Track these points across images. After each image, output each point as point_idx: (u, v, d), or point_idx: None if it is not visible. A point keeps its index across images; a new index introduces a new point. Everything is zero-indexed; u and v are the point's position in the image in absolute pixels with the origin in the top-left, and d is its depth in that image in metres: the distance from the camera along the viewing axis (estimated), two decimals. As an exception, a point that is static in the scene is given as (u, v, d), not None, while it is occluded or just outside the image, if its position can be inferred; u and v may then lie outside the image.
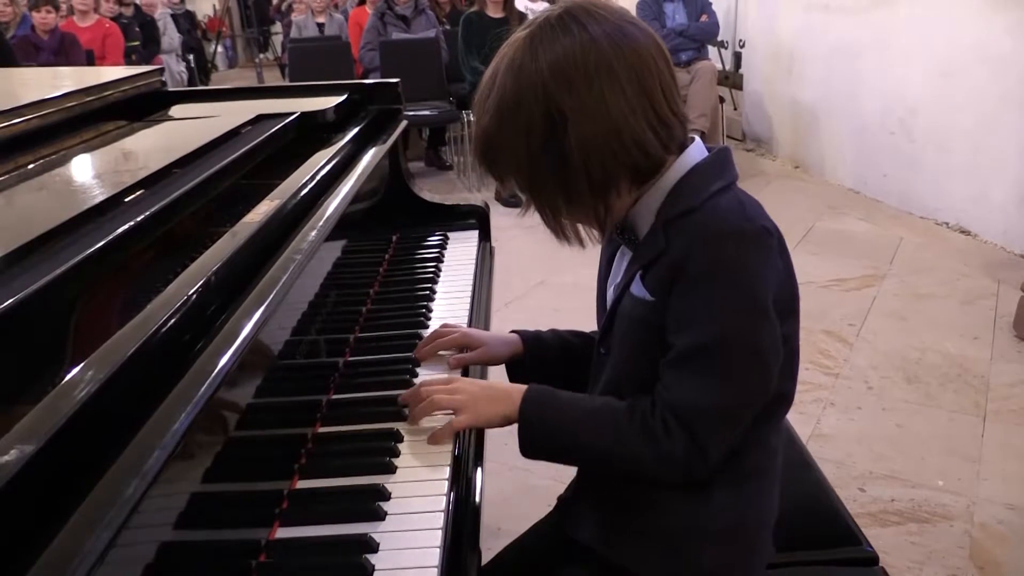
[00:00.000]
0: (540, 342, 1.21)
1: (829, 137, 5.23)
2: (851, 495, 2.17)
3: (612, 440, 0.95)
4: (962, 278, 3.62)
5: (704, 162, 0.96)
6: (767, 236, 0.91)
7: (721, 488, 0.98)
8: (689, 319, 0.91)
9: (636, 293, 0.96)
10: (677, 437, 0.91)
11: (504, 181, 1.00)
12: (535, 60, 0.90)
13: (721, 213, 0.91)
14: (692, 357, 0.91)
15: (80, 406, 0.64)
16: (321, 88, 1.82)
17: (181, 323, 0.81)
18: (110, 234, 0.90)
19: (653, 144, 0.92)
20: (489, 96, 0.94)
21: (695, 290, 0.90)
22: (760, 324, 0.90)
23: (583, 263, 1.28)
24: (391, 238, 1.75)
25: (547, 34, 0.91)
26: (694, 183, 0.94)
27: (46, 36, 5.83)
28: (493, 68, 0.95)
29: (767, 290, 0.90)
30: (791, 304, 0.96)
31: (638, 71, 0.90)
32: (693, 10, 5.37)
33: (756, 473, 1.01)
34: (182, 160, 1.21)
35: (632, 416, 0.94)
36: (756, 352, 0.91)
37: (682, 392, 0.92)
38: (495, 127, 0.94)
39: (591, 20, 0.91)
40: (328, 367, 1.23)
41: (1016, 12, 3.76)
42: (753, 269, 0.89)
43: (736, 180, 0.97)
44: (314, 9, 7.35)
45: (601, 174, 0.92)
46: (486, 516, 1.06)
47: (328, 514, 0.93)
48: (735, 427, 0.94)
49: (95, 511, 0.58)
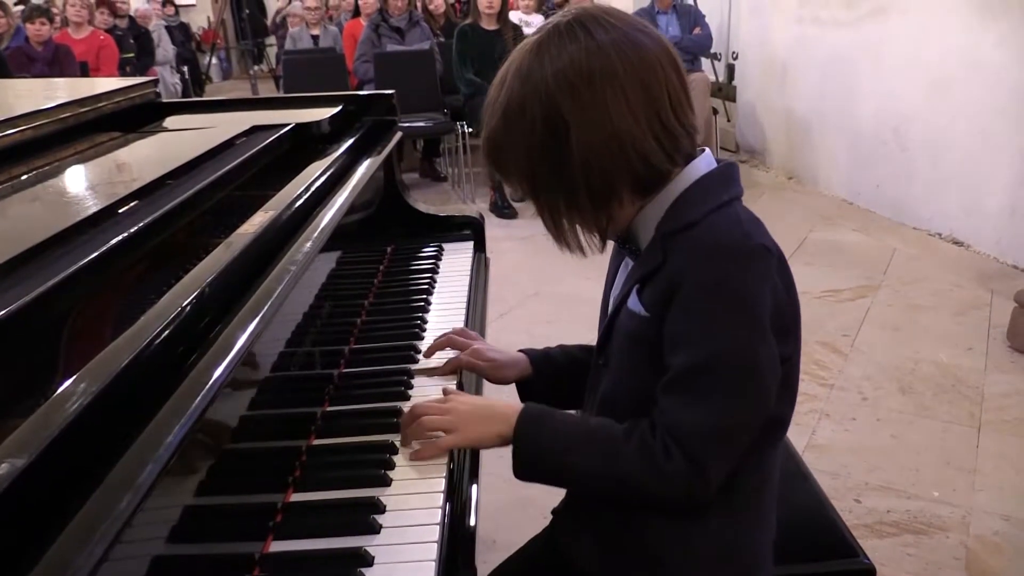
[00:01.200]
0: (548, 360, 1.21)
1: (822, 148, 5.25)
2: (847, 506, 2.17)
3: (610, 462, 0.92)
4: (955, 289, 3.63)
5: (708, 176, 0.95)
6: (766, 254, 0.90)
7: (716, 513, 0.96)
8: (685, 337, 0.89)
9: (632, 307, 0.95)
10: (677, 460, 0.89)
11: (512, 184, 1.00)
12: (541, 66, 0.90)
13: (719, 229, 0.90)
14: (689, 378, 0.89)
15: (73, 419, 0.63)
16: (316, 99, 1.82)
17: (175, 335, 0.80)
18: (103, 246, 0.89)
19: (656, 154, 0.91)
20: (497, 99, 0.94)
21: (691, 307, 0.89)
22: (757, 343, 0.88)
23: (578, 274, 1.28)
24: (386, 249, 1.75)
25: (554, 40, 0.91)
26: (695, 197, 0.93)
27: (40, 48, 5.82)
28: (503, 72, 0.95)
29: (765, 308, 0.88)
30: (791, 324, 0.95)
31: (643, 79, 0.89)
32: (686, 22, 5.42)
33: (752, 498, 1.00)
34: (176, 171, 1.21)
35: (630, 438, 0.92)
36: (753, 371, 0.89)
37: (680, 415, 0.90)
38: (501, 130, 0.95)
39: (598, 27, 0.90)
40: (323, 379, 1.23)
41: (1007, 23, 3.79)
42: (750, 287, 0.88)
43: (740, 196, 0.95)
44: (309, 21, 7.36)
45: (601, 182, 0.91)
46: (481, 528, 1.05)
47: (323, 527, 0.92)
48: (735, 449, 0.92)
49: (88, 525, 0.58)
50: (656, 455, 0.90)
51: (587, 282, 1.12)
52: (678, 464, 0.89)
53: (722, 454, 0.91)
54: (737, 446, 0.92)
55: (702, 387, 0.89)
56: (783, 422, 1.01)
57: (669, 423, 0.90)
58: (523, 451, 0.95)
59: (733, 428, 0.90)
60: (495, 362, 1.21)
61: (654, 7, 5.45)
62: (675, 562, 0.99)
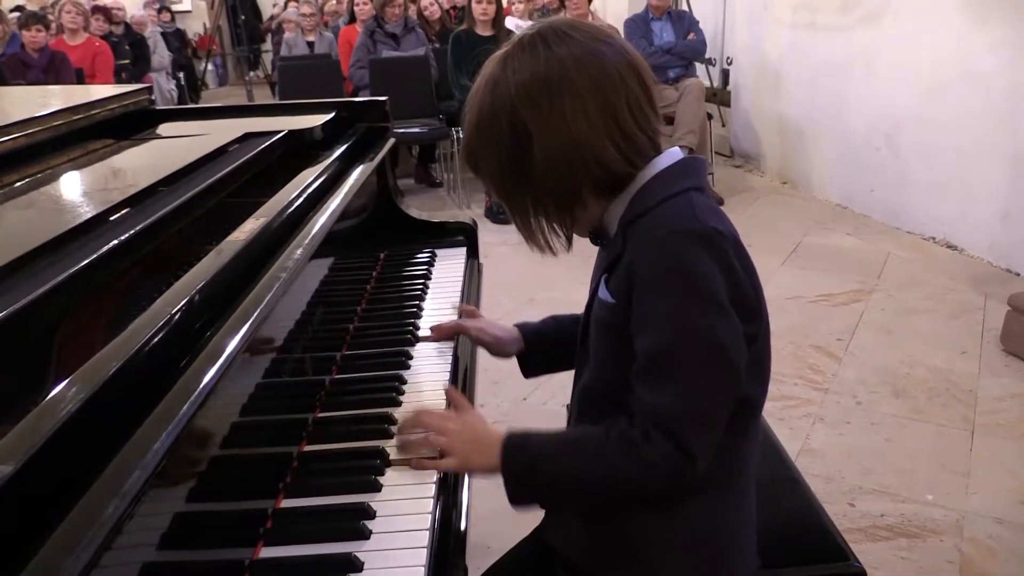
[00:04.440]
0: (540, 336, 1.29)
1: (816, 153, 5.26)
2: (841, 510, 2.17)
3: (596, 464, 0.94)
4: (949, 292, 3.64)
5: (667, 169, 0.98)
6: (717, 236, 0.92)
7: (692, 499, 0.98)
8: (646, 320, 0.92)
9: (602, 296, 0.99)
10: (659, 444, 0.91)
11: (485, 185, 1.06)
12: (506, 78, 0.96)
13: (670, 214, 0.94)
14: (653, 361, 0.92)
15: (62, 425, 0.63)
16: (309, 106, 1.82)
17: (164, 342, 0.80)
18: (95, 252, 0.89)
19: (616, 160, 0.95)
20: (471, 108, 1.00)
21: (648, 291, 0.92)
22: (716, 319, 0.91)
23: (572, 279, 1.29)
24: (379, 255, 1.75)
25: (518, 54, 0.97)
26: (651, 188, 0.97)
27: (36, 54, 5.82)
28: (478, 82, 1.01)
29: (719, 286, 0.91)
30: (754, 306, 0.97)
31: (601, 88, 0.94)
32: (680, 28, 5.43)
33: (727, 481, 1.02)
34: (168, 178, 1.21)
35: (610, 434, 0.94)
36: (717, 348, 0.91)
37: (652, 399, 0.92)
38: (475, 137, 1.01)
39: (559, 41, 0.95)
40: (314, 385, 1.23)
41: (999, 29, 3.81)
42: (702, 267, 0.90)
43: (699, 187, 0.98)
44: (304, 27, 7.38)
45: (563, 186, 0.97)
46: (474, 534, 1.05)
47: (313, 533, 0.92)
48: (714, 426, 0.94)
49: (74, 531, 0.58)
50: (638, 444, 0.92)
51: (582, 287, 1.13)
52: (660, 447, 0.91)
53: (700, 430, 0.93)
54: (714, 422, 0.94)
55: (667, 368, 0.91)
56: (755, 403, 1.03)
57: (645, 409, 0.93)
58: (513, 475, 0.97)
59: (705, 404, 0.92)
60: (499, 339, 1.30)
61: (648, 13, 5.46)
62: (656, 548, 1.01)
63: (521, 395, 2.77)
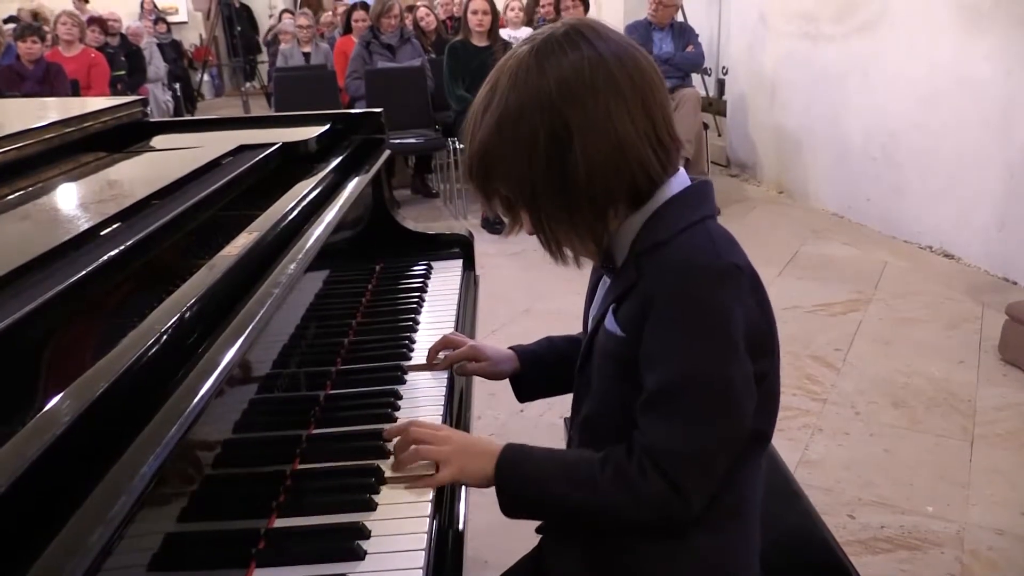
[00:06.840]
0: (535, 358, 1.26)
1: (812, 162, 5.27)
2: (841, 522, 2.16)
3: (588, 492, 0.93)
4: (946, 302, 3.64)
5: (681, 195, 0.95)
6: (737, 273, 0.90)
7: (698, 530, 0.95)
8: (658, 357, 0.89)
9: (608, 327, 0.96)
10: (654, 482, 0.89)
11: (492, 199, 0.98)
12: (542, 74, 0.89)
13: (691, 248, 0.90)
14: (662, 398, 0.89)
15: (50, 445, 0.62)
16: (304, 118, 1.81)
17: (156, 358, 0.79)
18: (87, 266, 0.88)
19: (654, 165, 0.92)
20: (488, 109, 0.93)
21: (663, 327, 0.89)
22: (730, 362, 0.88)
23: (569, 291, 1.29)
24: (374, 268, 1.74)
25: (554, 49, 0.90)
26: (668, 215, 0.93)
27: (31, 66, 5.82)
28: (492, 82, 0.94)
29: (737, 327, 0.88)
30: (767, 343, 0.94)
31: (643, 91, 0.90)
32: (680, 40, 5.45)
33: (734, 515, 0.99)
34: (161, 191, 1.20)
35: (605, 466, 0.92)
36: (728, 390, 0.89)
37: (655, 436, 0.90)
38: (495, 141, 0.92)
39: (597, 38, 0.91)
40: (308, 401, 1.21)
41: (994, 38, 3.82)
42: (722, 306, 0.88)
43: (713, 215, 0.95)
44: (300, 38, 7.38)
45: (603, 191, 0.91)
46: (472, 549, 1.04)
47: (306, 554, 0.90)
48: (715, 469, 0.92)
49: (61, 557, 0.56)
50: (632, 478, 0.90)
51: (578, 298, 1.11)
52: (654, 485, 0.89)
53: (699, 474, 0.91)
54: (715, 466, 0.92)
55: (675, 407, 0.89)
56: (764, 435, 1.01)
57: (645, 444, 0.91)
58: (506, 489, 0.96)
59: (708, 448, 0.90)
60: (492, 360, 1.27)
61: (649, 23, 5.47)
62: None
63: (518, 407, 2.75)
